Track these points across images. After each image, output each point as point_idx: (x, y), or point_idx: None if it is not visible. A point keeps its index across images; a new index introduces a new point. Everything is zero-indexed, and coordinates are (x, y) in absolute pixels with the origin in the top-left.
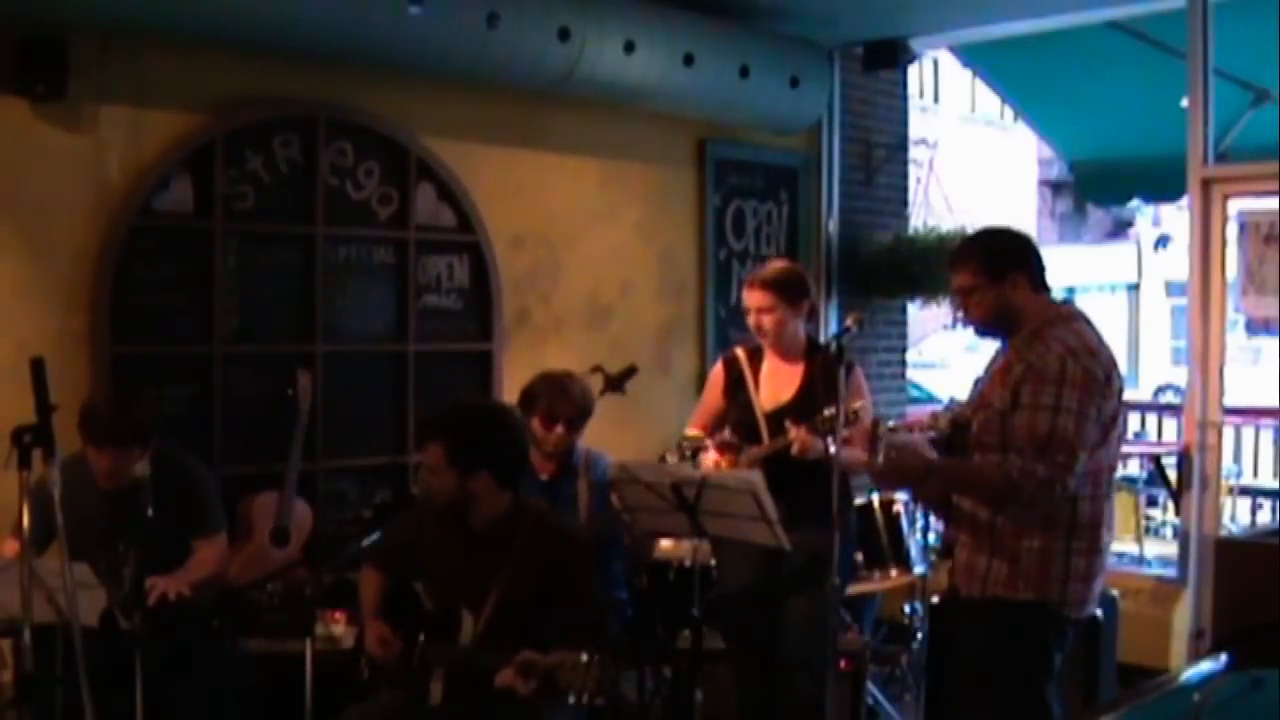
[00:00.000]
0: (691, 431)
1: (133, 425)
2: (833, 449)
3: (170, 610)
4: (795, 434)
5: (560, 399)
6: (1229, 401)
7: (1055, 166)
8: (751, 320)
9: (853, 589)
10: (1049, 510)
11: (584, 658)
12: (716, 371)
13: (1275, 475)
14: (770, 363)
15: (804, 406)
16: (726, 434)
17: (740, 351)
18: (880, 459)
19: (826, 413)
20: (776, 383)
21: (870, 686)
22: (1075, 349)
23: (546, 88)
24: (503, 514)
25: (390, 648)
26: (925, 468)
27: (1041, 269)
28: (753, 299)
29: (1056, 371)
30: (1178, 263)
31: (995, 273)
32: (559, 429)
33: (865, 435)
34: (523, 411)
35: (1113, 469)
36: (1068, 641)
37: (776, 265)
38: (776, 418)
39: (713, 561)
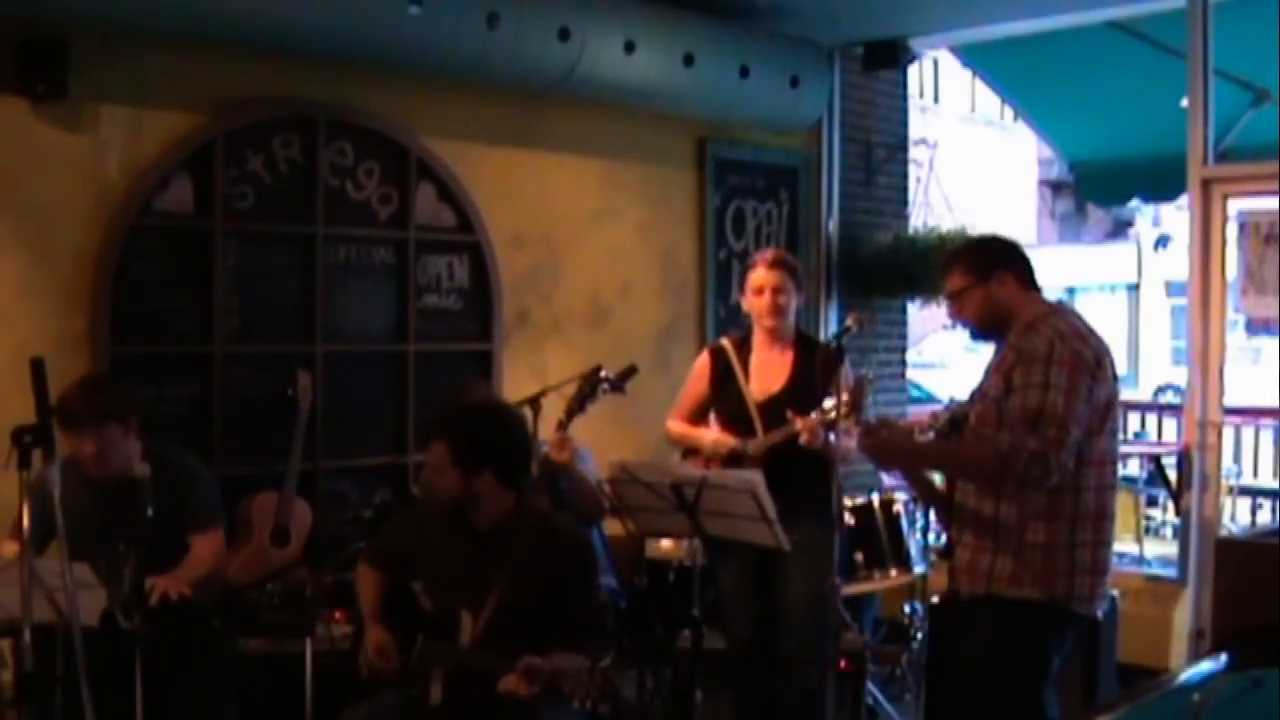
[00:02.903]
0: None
1: (102, 402)
2: (833, 442)
3: (170, 610)
4: (802, 423)
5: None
6: (1229, 401)
7: (1055, 166)
8: (764, 300)
9: (853, 589)
10: (1052, 499)
11: (587, 664)
12: (702, 362)
13: (1275, 475)
14: (760, 353)
15: (796, 396)
16: (726, 439)
17: (726, 342)
18: (866, 419)
19: (828, 404)
20: (766, 373)
21: (870, 686)
22: (1064, 333)
23: (546, 88)
24: (505, 514)
25: (389, 660)
26: (914, 446)
27: (1029, 269)
28: (769, 279)
29: (1045, 352)
30: (1178, 263)
31: (982, 271)
32: None
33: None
34: None
35: (1114, 462)
36: (1068, 643)
37: (777, 250)
38: (768, 408)
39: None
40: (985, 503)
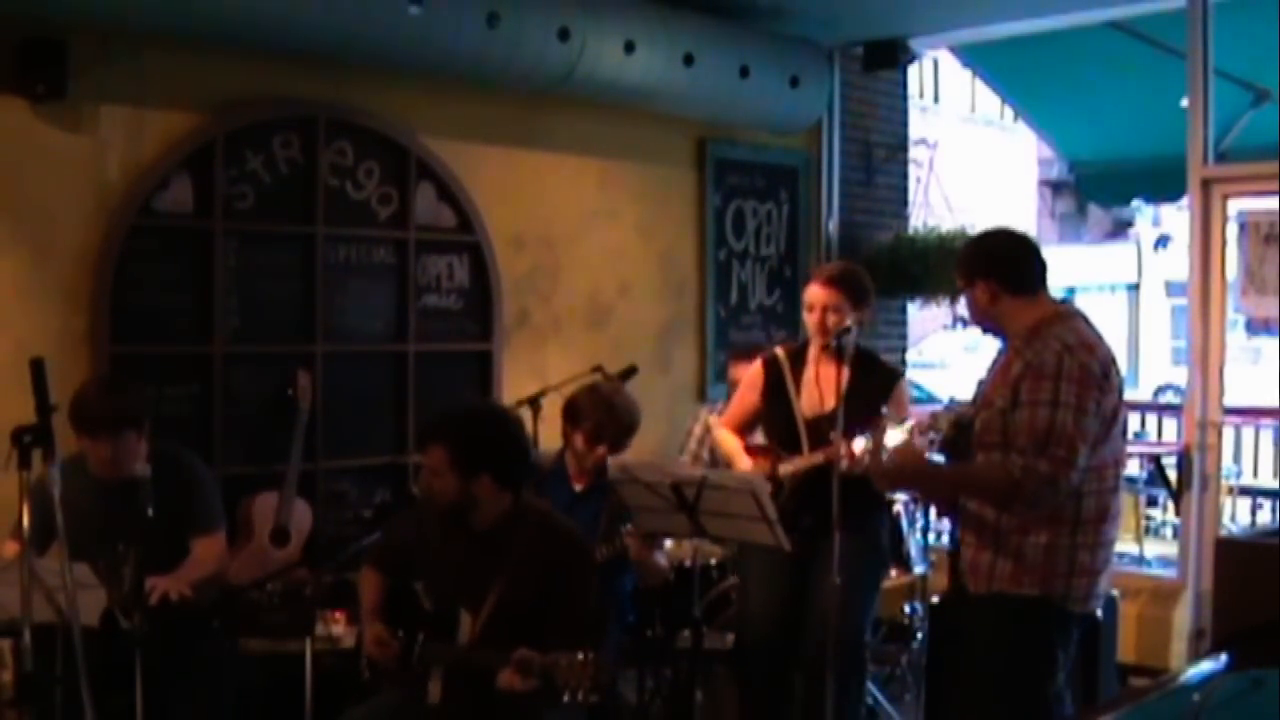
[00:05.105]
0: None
1: (123, 408)
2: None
3: (170, 610)
4: (846, 450)
5: (607, 419)
6: (1229, 401)
7: (1055, 166)
8: (814, 318)
9: None
10: (1054, 506)
11: (580, 656)
12: (755, 372)
13: (1275, 475)
14: (813, 368)
15: (846, 417)
16: (761, 440)
17: (781, 352)
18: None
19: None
20: (818, 390)
21: (870, 686)
22: (1072, 345)
23: (546, 88)
24: (503, 515)
25: (387, 649)
26: (927, 471)
27: (1021, 271)
28: (820, 296)
29: (1054, 367)
30: (1178, 263)
31: (966, 277)
32: (601, 449)
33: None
34: (567, 423)
35: (1118, 464)
36: (1072, 638)
37: (842, 264)
38: (816, 426)
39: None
40: (986, 508)
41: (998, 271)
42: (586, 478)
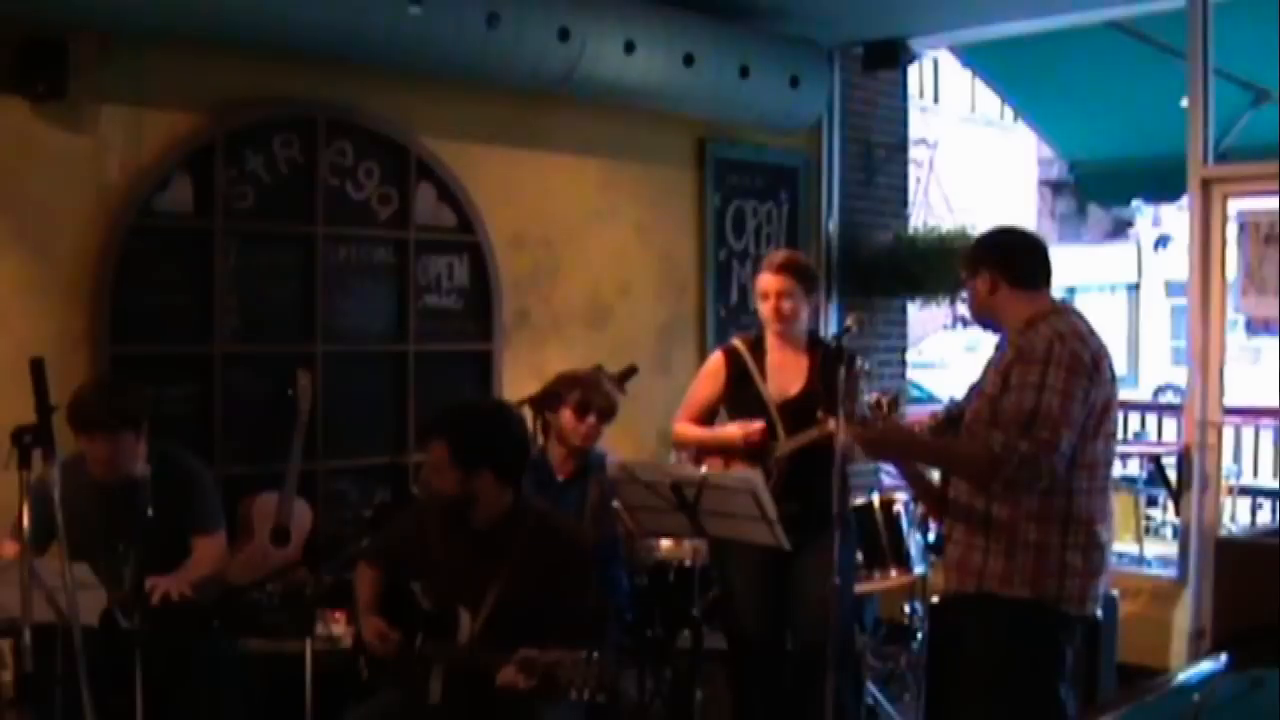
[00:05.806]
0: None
1: (121, 409)
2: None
3: (171, 610)
4: (836, 427)
5: (593, 390)
6: (1229, 401)
7: (1055, 166)
8: (769, 305)
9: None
10: (1044, 500)
11: (584, 655)
12: (716, 363)
13: (1275, 475)
14: (775, 355)
15: (815, 399)
16: (753, 425)
17: (740, 343)
18: (861, 411)
19: (867, 399)
20: (784, 375)
21: (870, 686)
22: (1064, 333)
23: (546, 88)
24: (504, 513)
25: (388, 641)
26: (909, 438)
27: (1024, 267)
28: (773, 284)
29: (1043, 352)
30: (1178, 263)
31: (969, 269)
32: (591, 419)
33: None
34: (548, 407)
35: (1109, 465)
36: (1075, 637)
37: (789, 252)
38: (786, 410)
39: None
40: (978, 500)
41: (999, 262)
42: (571, 464)
